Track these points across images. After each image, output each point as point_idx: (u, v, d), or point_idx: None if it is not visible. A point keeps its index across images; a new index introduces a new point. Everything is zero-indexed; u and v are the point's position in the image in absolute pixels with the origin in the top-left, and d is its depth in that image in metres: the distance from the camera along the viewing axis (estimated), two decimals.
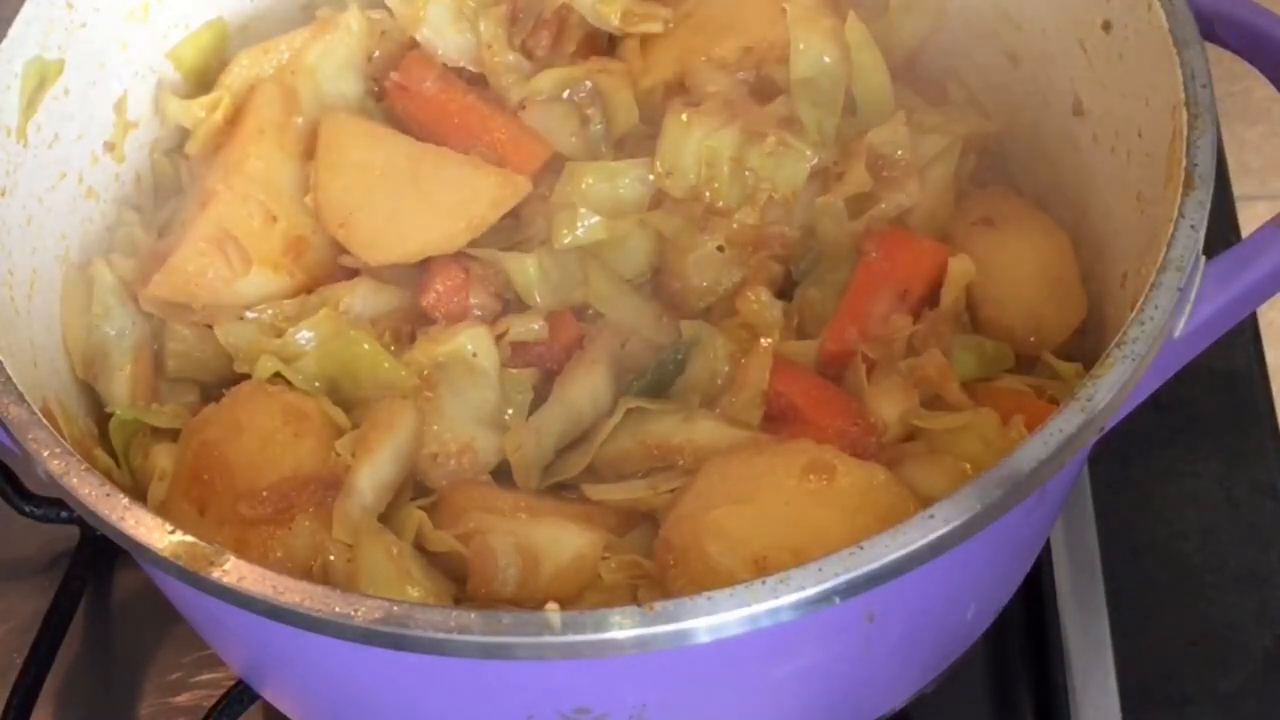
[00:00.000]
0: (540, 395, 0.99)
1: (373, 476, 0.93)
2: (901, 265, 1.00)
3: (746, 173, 1.03)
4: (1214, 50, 0.93)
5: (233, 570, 0.76)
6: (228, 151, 1.07)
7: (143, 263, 1.05)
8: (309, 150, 1.07)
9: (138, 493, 0.97)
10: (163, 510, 0.92)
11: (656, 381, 0.99)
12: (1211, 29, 0.94)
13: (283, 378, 0.98)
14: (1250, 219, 1.07)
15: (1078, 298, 1.01)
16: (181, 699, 1.11)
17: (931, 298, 1.00)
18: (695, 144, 1.03)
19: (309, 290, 1.04)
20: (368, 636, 0.74)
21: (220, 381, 1.01)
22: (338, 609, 0.73)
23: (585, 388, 0.99)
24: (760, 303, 1.00)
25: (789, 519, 0.86)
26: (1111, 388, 0.79)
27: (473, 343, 0.98)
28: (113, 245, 1.09)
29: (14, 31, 1.00)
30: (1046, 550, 1.08)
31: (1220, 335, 0.89)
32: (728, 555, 0.85)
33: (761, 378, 0.96)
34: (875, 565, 0.73)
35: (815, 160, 1.03)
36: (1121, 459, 1.15)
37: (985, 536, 0.76)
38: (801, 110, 1.05)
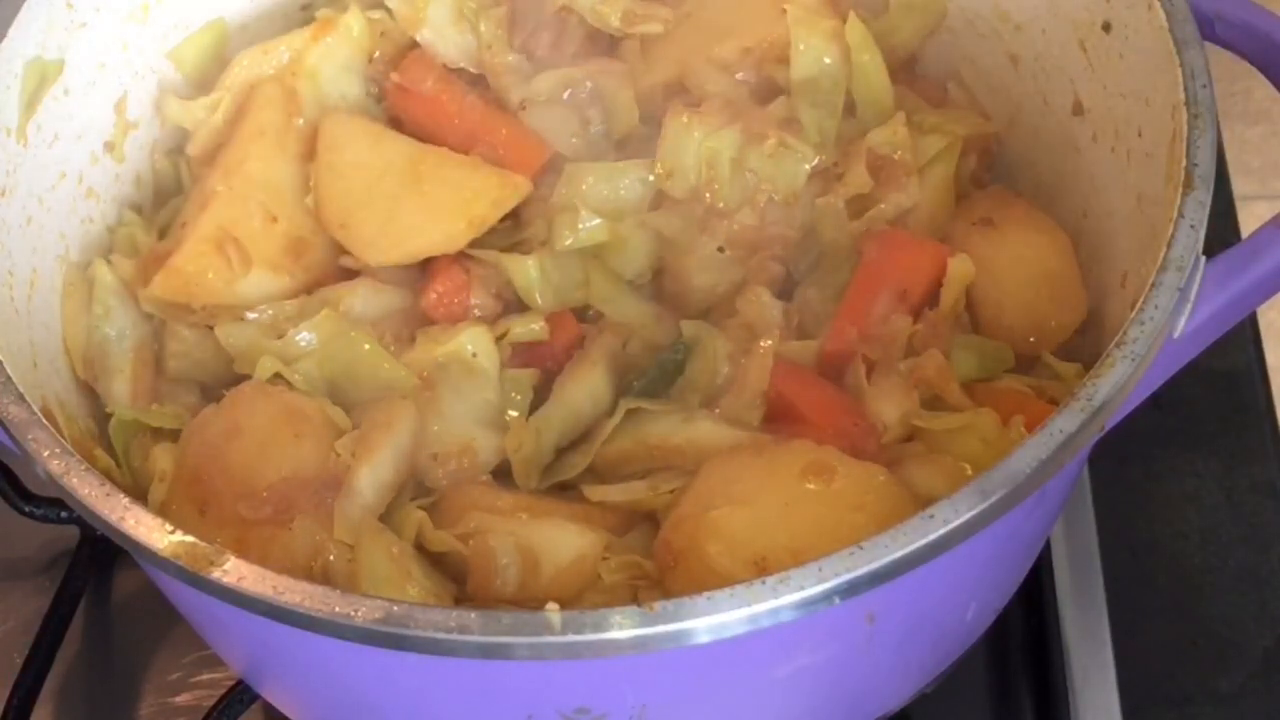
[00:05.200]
0: (540, 395, 0.99)
1: (373, 477, 0.93)
2: (901, 266, 1.00)
3: (747, 174, 1.03)
4: (1214, 50, 0.93)
5: (233, 570, 0.76)
6: (228, 152, 1.07)
7: (143, 263, 1.05)
8: (309, 151, 1.07)
9: (138, 493, 0.97)
10: (163, 511, 0.92)
11: (657, 382, 0.99)
12: (1211, 29, 0.94)
13: (283, 378, 0.98)
14: (1250, 219, 1.07)
15: (1078, 298, 1.01)
16: (181, 699, 1.11)
17: (931, 298, 1.00)
18: (695, 145, 1.03)
19: (309, 291, 1.04)
20: (368, 636, 0.74)
21: (220, 382, 1.01)
22: (338, 609, 0.73)
23: (585, 388, 0.99)
24: (760, 303, 1.00)
25: (789, 520, 0.86)
26: (1111, 388, 0.79)
27: (473, 343, 0.98)
28: (113, 245, 1.09)
29: (14, 31, 1.00)
30: (1046, 550, 1.08)
31: (1220, 335, 0.89)
32: (727, 556, 0.85)
33: (761, 378, 0.96)
34: (875, 565, 0.73)
35: (815, 161, 1.03)
36: (1121, 459, 1.15)
37: (985, 537, 0.76)
38: (801, 111, 1.05)
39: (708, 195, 1.03)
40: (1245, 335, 1.21)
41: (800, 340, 1.00)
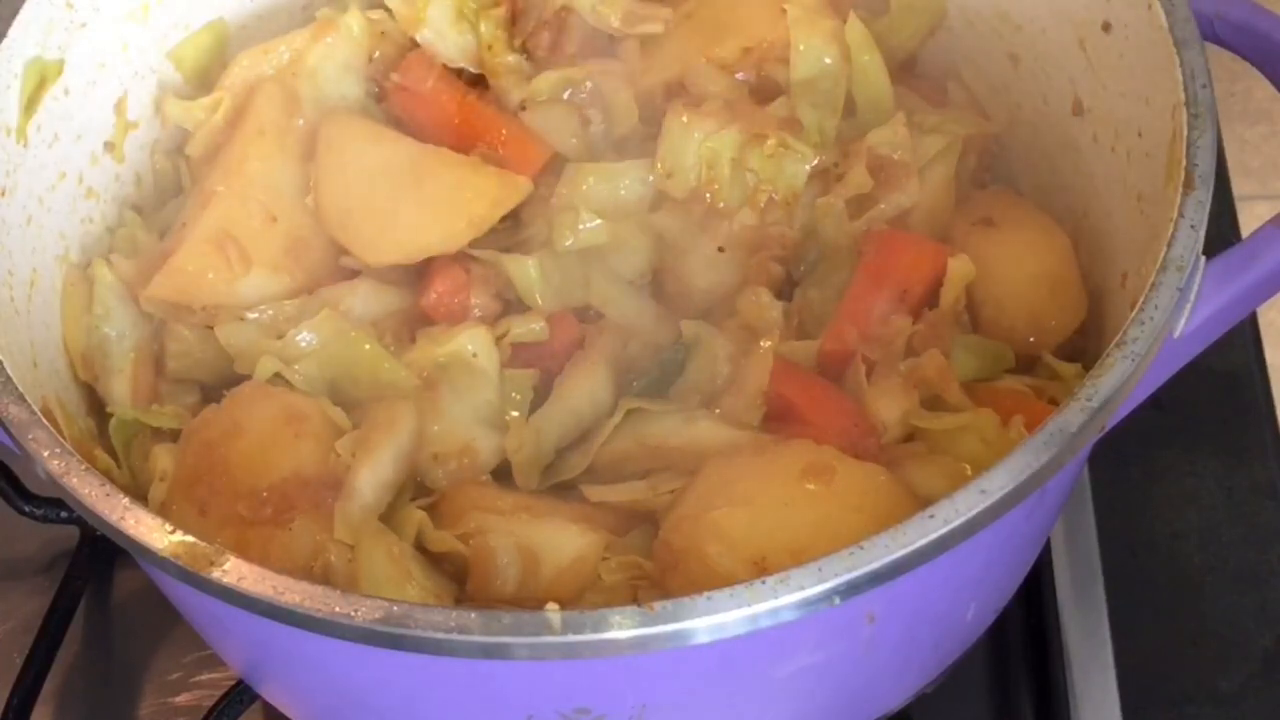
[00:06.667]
0: (540, 396, 0.99)
1: (373, 477, 0.93)
2: (901, 266, 1.00)
3: (747, 174, 1.04)
4: (1214, 50, 0.93)
5: (233, 570, 0.76)
6: (228, 152, 1.07)
7: (143, 263, 1.05)
8: (309, 151, 1.07)
9: (138, 493, 0.97)
10: (163, 511, 0.92)
11: (657, 382, 0.99)
12: (1211, 29, 0.94)
13: (283, 378, 0.98)
14: (1250, 219, 1.07)
15: (1078, 298, 1.01)
16: (181, 699, 1.11)
17: (931, 298, 1.00)
18: (696, 145, 1.03)
19: (309, 291, 1.03)
20: (368, 636, 0.74)
21: (221, 382, 1.01)
22: (338, 609, 0.73)
23: (585, 388, 0.99)
24: (760, 303, 1.00)
25: (789, 520, 0.86)
26: (1111, 388, 0.79)
27: (473, 343, 0.98)
28: (113, 246, 1.09)
29: (14, 31, 1.00)
30: (1046, 550, 1.08)
31: (1220, 335, 0.89)
32: (727, 556, 0.85)
33: (761, 378, 0.96)
34: (875, 565, 0.73)
35: (815, 161, 1.03)
36: (1121, 459, 1.15)
37: (985, 536, 0.76)
38: (802, 111, 1.05)
39: (708, 195, 1.03)
40: (1245, 335, 1.21)
41: (800, 340, 1.00)
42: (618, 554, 0.90)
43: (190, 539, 0.77)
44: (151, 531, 0.78)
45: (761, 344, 0.98)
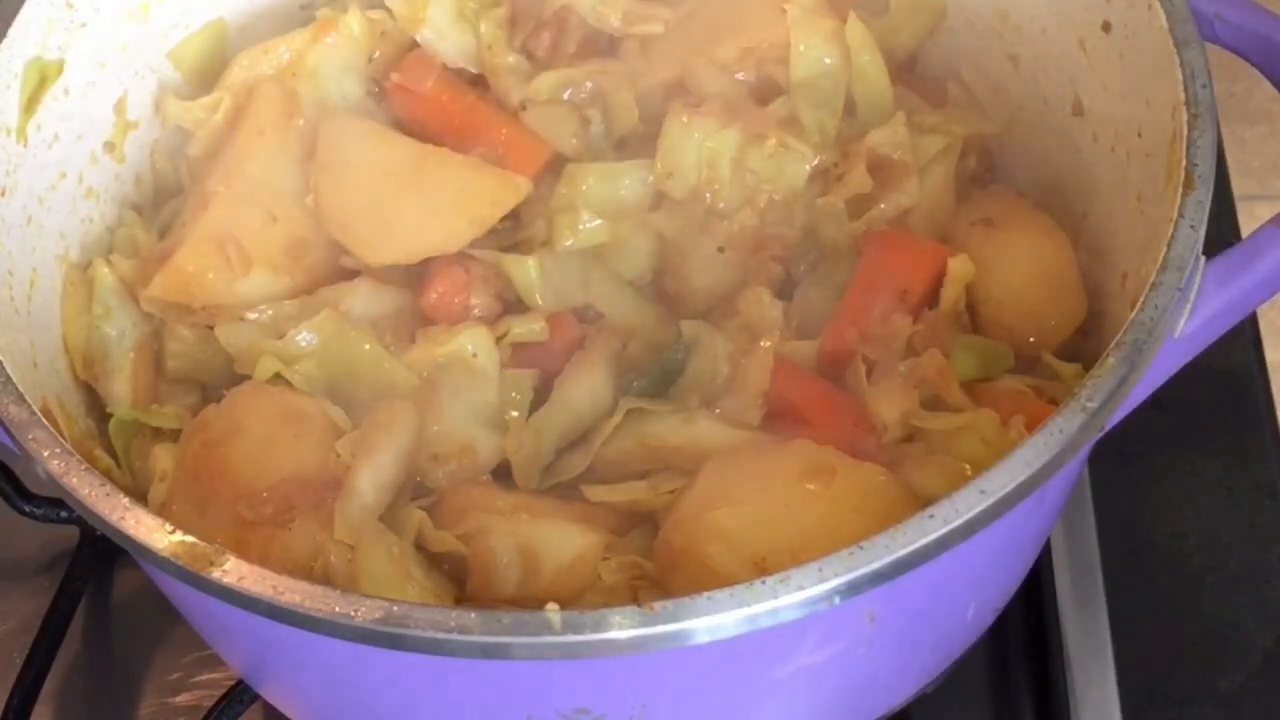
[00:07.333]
0: (540, 396, 0.99)
1: (373, 477, 0.93)
2: (901, 266, 1.00)
3: (747, 174, 1.04)
4: (1214, 50, 0.93)
5: (233, 570, 0.76)
6: (228, 152, 1.07)
7: (143, 263, 1.05)
8: (309, 151, 1.07)
9: (138, 493, 0.97)
10: (163, 511, 0.92)
11: (657, 382, 1.00)
12: (1211, 29, 0.95)
13: (283, 378, 0.98)
14: (1250, 219, 1.07)
15: (1078, 298, 1.01)
16: (181, 699, 1.11)
17: (931, 298, 1.00)
18: (696, 145, 1.03)
19: (309, 291, 1.03)
20: (368, 636, 0.74)
21: (221, 382, 1.01)
22: (338, 609, 0.73)
23: (585, 388, 0.99)
24: (760, 303, 1.00)
25: (789, 520, 0.86)
26: (1111, 388, 0.79)
27: (473, 344, 0.98)
28: (113, 246, 1.09)
29: (14, 31, 1.00)
30: (1046, 550, 1.08)
31: (1220, 335, 0.89)
32: (727, 556, 0.85)
33: (762, 378, 0.96)
34: (875, 565, 0.73)
35: (815, 161, 1.03)
36: (1121, 459, 1.15)
37: (985, 536, 0.76)
38: (802, 111, 1.05)
39: (708, 195, 1.03)
40: (1245, 335, 1.21)
41: (800, 340, 1.00)
42: (618, 554, 0.90)
43: (190, 539, 0.77)
44: (151, 531, 0.78)
45: (761, 344, 0.98)
